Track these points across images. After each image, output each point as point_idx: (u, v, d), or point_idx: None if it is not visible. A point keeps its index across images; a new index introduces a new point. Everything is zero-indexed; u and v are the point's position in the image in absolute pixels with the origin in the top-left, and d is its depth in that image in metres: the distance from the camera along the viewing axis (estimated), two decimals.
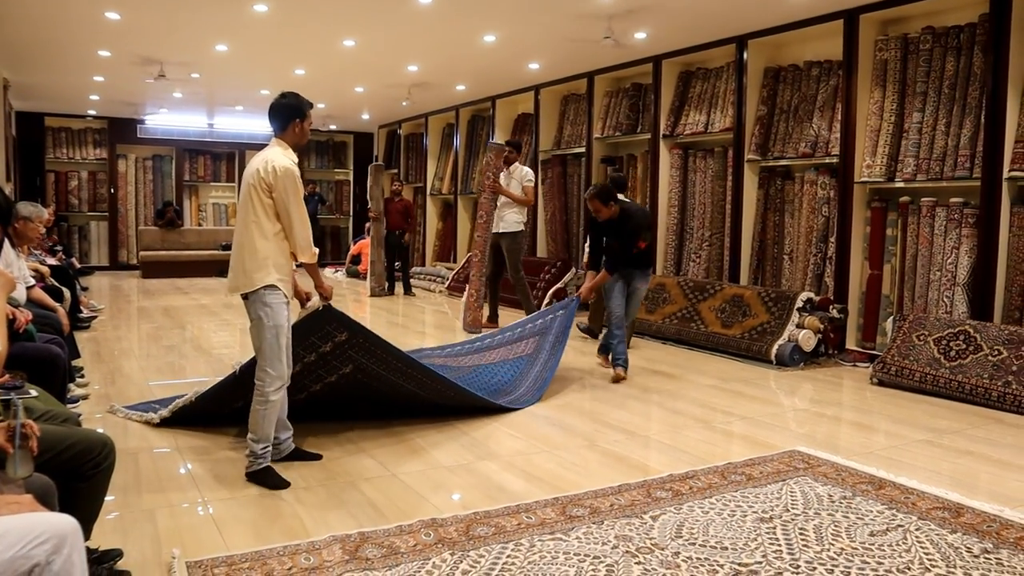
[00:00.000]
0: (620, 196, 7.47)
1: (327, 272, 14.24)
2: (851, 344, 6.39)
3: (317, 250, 3.53)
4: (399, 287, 11.05)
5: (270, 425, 3.48)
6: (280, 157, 3.41)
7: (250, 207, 3.40)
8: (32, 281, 5.34)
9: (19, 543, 1.72)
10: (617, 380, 5.51)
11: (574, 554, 2.73)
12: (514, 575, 2.56)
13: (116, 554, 2.66)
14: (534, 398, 4.91)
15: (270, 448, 3.53)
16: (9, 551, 1.71)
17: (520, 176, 7.65)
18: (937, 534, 2.92)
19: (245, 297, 3.46)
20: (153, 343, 7.04)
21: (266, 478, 3.44)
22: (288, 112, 3.51)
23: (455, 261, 12.01)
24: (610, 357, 5.70)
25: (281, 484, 3.42)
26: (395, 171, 13.80)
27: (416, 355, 5.58)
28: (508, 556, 2.70)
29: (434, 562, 2.64)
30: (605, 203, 5.53)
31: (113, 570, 2.55)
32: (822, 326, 6.21)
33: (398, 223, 10.68)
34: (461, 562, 2.65)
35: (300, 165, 3.57)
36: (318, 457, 3.78)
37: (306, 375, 3.94)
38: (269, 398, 3.43)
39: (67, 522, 1.84)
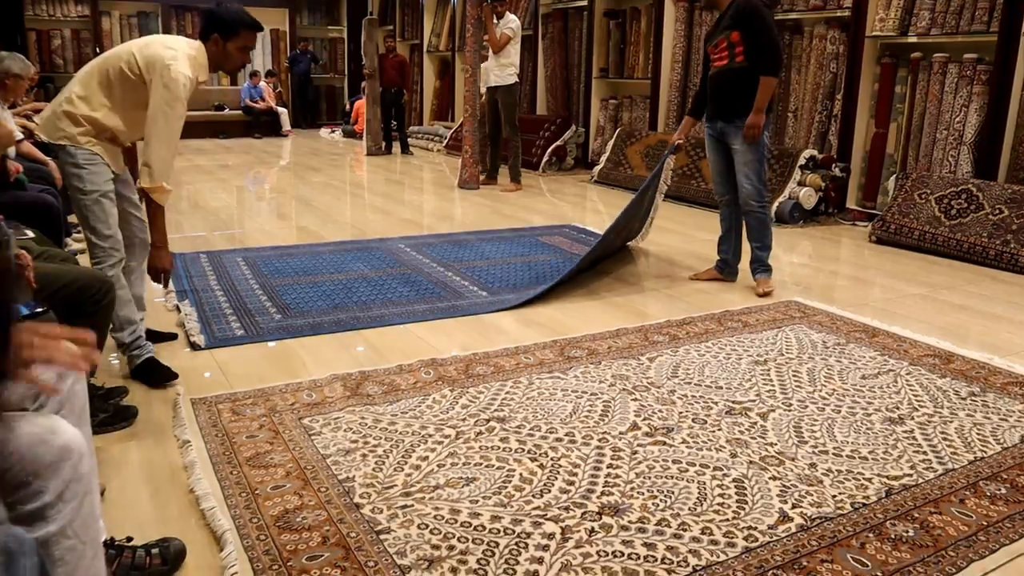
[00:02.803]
0: None
1: (323, 132, 13.98)
2: (851, 203, 6.34)
3: (171, 190, 2.82)
4: (396, 146, 10.90)
5: (124, 305, 2.84)
6: (183, 63, 2.75)
7: (120, 71, 2.77)
8: (20, 135, 5.21)
9: None
10: (697, 278, 4.41)
11: (571, 391, 2.79)
12: (513, 409, 2.62)
13: (121, 391, 2.71)
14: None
15: (138, 330, 2.93)
16: None
17: (504, 23, 7.58)
18: (927, 378, 2.98)
19: (51, 152, 2.86)
20: None
21: (151, 374, 2.89)
22: (210, 23, 2.87)
23: (453, 120, 11.76)
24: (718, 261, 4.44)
25: (169, 376, 2.89)
26: (390, 28, 13.31)
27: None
28: (507, 392, 2.76)
29: (434, 397, 2.70)
30: None
31: (120, 406, 2.61)
32: (823, 184, 6.15)
33: (393, 80, 10.44)
34: (460, 397, 2.71)
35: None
36: (173, 337, 3.31)
37: None
38: (108, 275, 2.73)
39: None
